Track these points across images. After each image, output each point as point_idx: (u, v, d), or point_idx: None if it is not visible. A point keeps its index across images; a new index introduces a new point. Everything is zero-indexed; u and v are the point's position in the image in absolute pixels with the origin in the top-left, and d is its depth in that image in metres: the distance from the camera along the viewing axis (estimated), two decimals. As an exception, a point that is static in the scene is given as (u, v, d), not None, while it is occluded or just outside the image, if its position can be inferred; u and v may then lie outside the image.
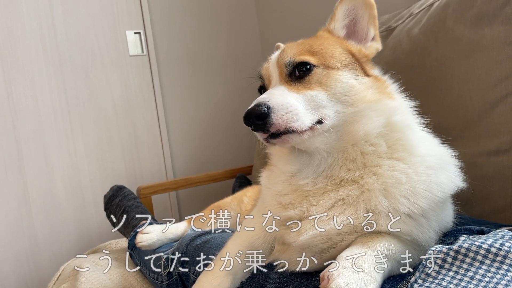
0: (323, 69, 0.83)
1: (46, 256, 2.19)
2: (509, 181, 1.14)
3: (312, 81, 0.82)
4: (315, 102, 0.80)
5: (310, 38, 0.94)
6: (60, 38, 2.22)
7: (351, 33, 0.93)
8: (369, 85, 0.84)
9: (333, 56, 0.85)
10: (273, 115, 0.76)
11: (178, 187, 2.25)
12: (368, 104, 0.81)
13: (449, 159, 0.85)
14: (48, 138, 2.20)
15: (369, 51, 0.92)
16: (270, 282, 0.87)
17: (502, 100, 1.14)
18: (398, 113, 0.83)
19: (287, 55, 0.85)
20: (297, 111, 0.77)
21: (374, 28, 0.92)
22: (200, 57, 2.65)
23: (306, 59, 0.83)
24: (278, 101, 0.77)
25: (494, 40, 1.15)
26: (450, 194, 0.82)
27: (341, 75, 0.83)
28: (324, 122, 0.80)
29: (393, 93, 0.87)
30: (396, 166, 0.79)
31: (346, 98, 0.81)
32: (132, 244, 1.50)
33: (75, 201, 2.27)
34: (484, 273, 0.62)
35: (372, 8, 0.90)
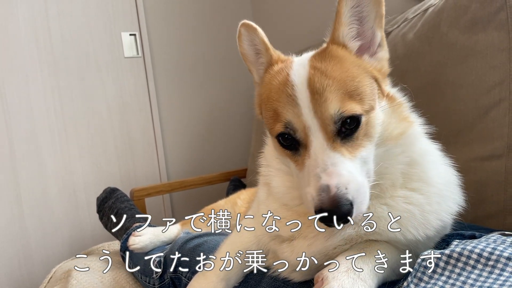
0: (365, 116, 0.70)
1: (38, 259, 2.17)
2: (502, 187, 1.14)
3: (359, 136, 0.69)
4: (366, 163, 0.70)
5: (331, 59, 0.73)
6: (54, 39, 2.21)
7: (360, 40, 0.78)
8: (390, 112, 0.73)
9: (369, 93, 0.71)
10: (355, 209, 0.64)
11: (172, 189, 2.25)
12: (395, 141, 0.73)
13: (454, 180, 0.82)
14: (42, 139, 2.18)
15: (383, 66, 0.77)
16: (262, 286, 0.86)
17: (495, 106, 1.14)
18: (418, 144, 0.76)
19: (331, 106, 0.67)
20: (365, 188, 0.67)
21: (381, 31, 0.76)
22: (196, 60, 2.65)
23: (354, 111, 0.67)
24: (354, 187, 0.64)
25: (488, 45, 1.15)
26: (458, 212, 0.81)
27: (376, 116, 0.71)
28: (369, 178, 0.70)
29: (408, 114, 0.78)
30: (411, 198, 0.73)
31: (378, 140, 0.72)
32: (125, 247, 1.49)
33: (68, 203, 2.25)
34: (476, 277, 0.61)
35: (380, 5, 0.73)
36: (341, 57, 0.74)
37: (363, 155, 0.69)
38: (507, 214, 1.14)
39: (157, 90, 2.52)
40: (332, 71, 0.70)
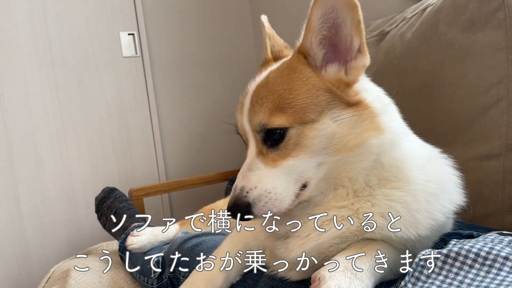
0: (298, 128, 0.73)
1: (36, 258, 2.17)
2: (500, 186, 1.14)
3: (288, 146, 0.73)
4: (294, 171, 0.74)
5: (281, 74, 0.78)
6: (53, 39, 2.21)
7: (332, 47, 0.76)
8: (353, 122, 0.74)
9: (307, 106, 0.73)
10: (254, 209, 0.73)
11: (170, 189, 2.25)
12: (349, 152, 0.74)
13: (450, 179, 0.81)
14: (40, 139, 2.18)
15: (353, 76, 0.76)
16: (260, 285, 0.86)
17: (493, 105, 1.15)
18: (386, 151, 0.75)
19: (257, 118, 0.75)
20: (277, 194, 0.73)
21: (359, 37, 0.73)
22: (194, 59, 2.65)
23: (276, 124, 0.73)
24: (256, 192, 0.73)
25: (486, 45, 1.16)
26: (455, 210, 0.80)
27: (317, 128, 0.73)
28: (308, 185, 0.75)
29: (381, 122, 0.75)
30: (392, 195, 0.74)
31: (327, 150, 0.73)
32: (123, 247, 1.49)
33: (67, 203, 2.25)
34: (474, 277, 0.61)
35: (354, 10, 0.70)
36: (292, 68, 0.77)
37: (289, 164, 0.73)
38: (505, 213, 1.14)
39: (156, 89, 2.52)
40: (273, 83, 0.76)
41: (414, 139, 0.84)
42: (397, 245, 0.77)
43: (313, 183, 0.75)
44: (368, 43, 1.60)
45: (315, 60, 0.76)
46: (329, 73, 0.76)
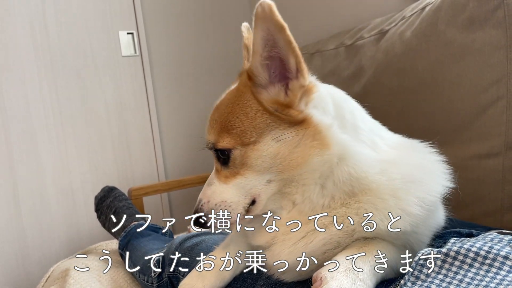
0: (241, 149, 0.77)
1: (36, 258, 2.16)
2: (500, 185, 1.14)
3: (235, 165, 0.78)
4: (243, 188, 0.79)
5: (229, 96, 0.83)
6: (52, 38, 2.20)
7: (278, 65, 0.76)
8: (296, 141, 0.75)
9: (247, 129, 0.76)
10: (209, 222, 0.81)
11: (169, 188, 2.24)
12: (294, 170, 0.76)
13: (428, 171, 0.80)
14: (39, 138, 2.18)
15: (290, 98, 0.76)
16: (259, 284, 0.86)
17: (493, 104, 1.15)
18: (337, 166, 0.76)
19: (209, 138, 0.82)
20: (228, 206, 0.80)
21: (293, 57, 0.73)
22: (193, 58, 2.64)
23: (220, 145, 0.79)
24: (210, 206, 0.81)
25: (485, 43, 1.15)
26: (437, 200, 0.79)
27: (259, 149, 0.76)
28: (257, 201, 0.79)
29: (327, 138, 0.75)
30: (360, 201, 0.75)
31: (273, 169, 0.76)
32: (123, 245, 1.49)
33: (66, 202, 2.25)
34: (473, 276, 0.61)
35: (282, 31, 0.70)
36: (238, 91, 0.81)
37: (237, 182, 0.79)
38: (504, 212, 1.14)
39: (155, 89, 2.51)
40: (223, 105, 0.82)
41: (374, 144, 0.81)
42: (395, 242, 0.77)
43: (263, 198, 0.79)
44: (368, 42, 1.61)
45: (261, 80, 0.77)
46: (270, 94, 0.77)
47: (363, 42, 1.65)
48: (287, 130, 0.76)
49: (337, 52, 1.78)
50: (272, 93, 0.77)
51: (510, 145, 1.12)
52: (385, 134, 0.86)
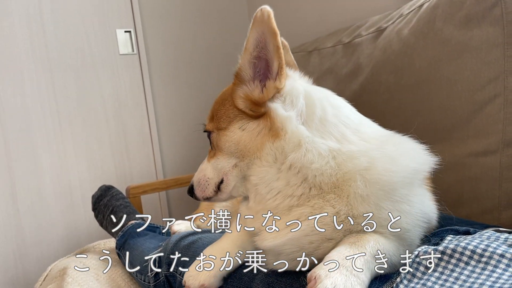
0: (216, 133, 0.91)
1: (34, 257, 2.16)
2: (497, 182, 1.14)
3: (214, 147, 0.94)
4: (217, 167, 0.92)
5: (224, 91, 0.97)
6: (49, 36, 2.20)
7: (265, 65, 0.85)
8: (257, 130, 0.86)
9: (221, 116, 0.91)
10: (195, 191, 0.98)
11: (167, 187, 2.24)
12: (252, 155, 0.86)
13: (386, 157, 0.80)
14: (37, 137, 2.17)
15: (264, 95, 0.84)
16: (256, 282, 0.86)
17: (490, 101, 1.15)
18: (288, 154, 0.82)
19: (206, 121, 0.96)
20: (205, 181, 0.95)
21: (277, 61, 0.82)
22: (191, 57, 2.64)
23: (206, 128, 0.95)
24: (196, 179, 0.98)
25: (482, 41, 1.15)
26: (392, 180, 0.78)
27: (227, 134, 0.88)
28: (224, 181, 0.92)
29: (282, 129, 0.83)
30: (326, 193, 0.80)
31: (237, 154, 0.88)
32: (120, 244, 1.49)
33: (64, 201, 2.24)
34: (469, 274, 0.61)
35: (274, 37, 0.79)
36: (228, 86, 0.95)
37: (214, 161, 0.93)
38: (501, 209, 1.14)
39: (153, 87, 2.51)
40: (221, 95, 0.96)
41: (343, 137, 0.83)
42: (383, 232, 0.77)
43: (229, 179, 0.91)
44: (365, 40, 1.61)
45: (245, 76, 0.87)
46: (247, 90, 0.87)
47: (360, 40, 1.65)
48: (251, 122, 0.87)
49: (335, 50, 1.77)
50: (247, 89, 0.87)
51: (507, 143, 1.12)
52: (366, 129, 0.86)
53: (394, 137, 0.88)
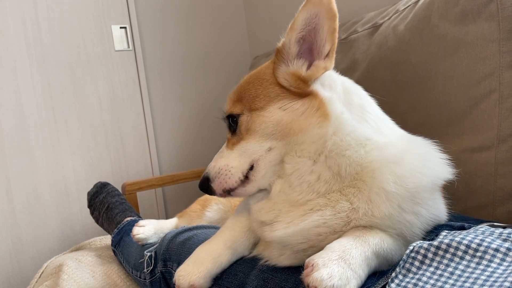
0: (248, 115, 0.85)
1: (29, 254, 2.16)
2: (492, 178, 1.14)
3: (242, 131, 0.85)
4: (245, 153, 0.84)
5: (252, 72, 0.91)
6: (44, 32, 2.19)
7: (307, 46, 0.84)
8: (301, 110, 0.81)
9: (257, 96, 0.84)
10: (212, 184, 0.87)
11: (163, 183, 2.24)
12: (294, 136, 0.80)
13: (417, 155, 0.80)
14: (32, 134, 2.16)
15: (311, 72, 0.82)
16: (251, 278, 0.86)
17: (485, 97, 1.15)
18: (328, 141, 0.79)
19: (225, 108, 0.89)
20: (227, 171, 0.85)
21: (330, 43, 0.81)
22: (187, 53, 2.63)
23: (230, 111, 0.87)
24: (215, 170, 0.87)
25: (478, 37, 1.15)
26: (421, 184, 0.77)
27: (264, 115, 0.82)
28: (255, 168, 0.84)
29: (329, 110, 0.80)
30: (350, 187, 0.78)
31: (276, 135, 0.82)
32: (116, 241, 1.49)
33: (59, 198, 2.24)
34: (464, 268, 0.62)
35: (333, 19, 0.78)
36: (260, 68, 0.90)
37: (241, 146, 0.85)
38: (496, 205, 1.14)
39: (149, 84, 2.50)
40: (244, 80, 0.90)
41: (379, 128, 0.83)
42: (389, 231, 0.77)
43: (261, 165, 0.84)
44: (361, 36, 1.61)
45: (288, 55, 0.84)
46: (291, 68, 0.83)
47: (356, 36, 1.64)
48: (294, 102, 0.82)
49: (330, 46, 1.77)
50: (293, 67, 0.83)
51: (503, 139, 1.12)
52: (390, 125, 0.89)
53: (418, 138, 0.88)
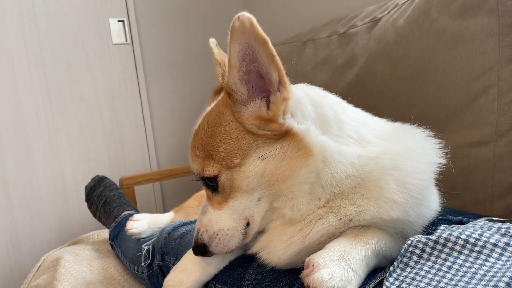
0: (227, 173, 0.76)
1: (27, 248, 2.15)
2: (490, 173, 1.15)
3: (225, 190, 0.78)
4: (236, 211, 0.78)
5: (208, 120, 0.80)
6: (41, 26, 2.17)
7: (257, 82, 0.75)
8: (282, 155, 0.74)
9: (230, 152, 0.75)
10: (210, 248, 0.81)
11: (161, 177, 2.23)
12: (283, 184, 0.75)
13: (410, 153, 0.78)
14: (29, 128, 2.15)
15: (273, 111, 0.74)
16: (249, 272, 0.86)
17: (484, 92, 1.14)
18: (322, 173, 0.75)
19: (193, 167, 0.81)
20: (224, 235, 0.79)
21: (276, 70, 0.71)
22: (185, 46, 2.62)
23: (207, 173, 0.77)
24: (208, 235, 0.80)
25: (477, 31, 1.15)
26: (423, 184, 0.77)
27: (245, 170, 0.75)
28: (251, 222, 0.80)
29: (308, 144, 0.74)
30: (352, 194, 0.76)
31: (261, 186, 0.76)
32: (113, 235, 1.49)
33: (57, 192, 2.23)
34: (462, 263, 0.61)
35: (264, 45, 0.68)
36: (217, 112, 0.79)
37: (232, 206, 0.78)
38: (494, 200, 1.14)
39: (146, 77, 2.49)
40: (202, 131, 0.80)
41: (361, 136, 0.80)
42: (389, 231, 0.77)
43: (256, 218, 0.79)
44: (360, 30, 1.60)
45: (240, 96, 0.75)
46: (251, 110, 0.75)
47: (355, 30, 1.64)
48: (272, 147, 0.75)
49: (329, 40, 1.76)
50: (253, 109, 0.75)
51: (501, 133, 1.12)
52: (372, 123, 0.84)
53: (401, 127, 0.86)
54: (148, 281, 1.21)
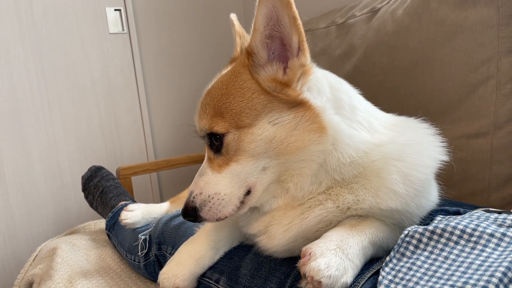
0: (235, 133, 0.74)
1: (23, 238, 2.15)
2: (487, 164, 1.15)
3: (229, 151, 0.75)
4: (237, 176, 0.75)
5: (223, 79, 0.80)
6: (37, 14, 2.14)
7: (278, 45, 0.75)
8: (293, 124, 0.73)
9: (242, 110, 0.74)
10: (201, 213, 0.76)
11: (158, 168, 2.23)
12: (291, 155, 0.74)
13: (415, 146, 0.78)
14: (25, 117, 2.14)
15: (289, 76, 0.74)
16: (246, 262, 0.86)
17: (483, 83, 1.14)
18: (330, 154, 0.74)
19: (200, 124, 0.78)
20: (219, 200, 0.76)
21: (296, 34, 0.72)
22: (183, 36, 2.60)
23: (214, 129, 0.75)
24: (202, 198, 0.76)
25: (477, 22, 1.14)
26: (426, 178, 0.77)
27: (254, 132, 0.73)
28: (252, 191, 0.76)
29: (323, 121, 0.73)
30: (352, 183, 0.76)
31: (268, 154, 0.74)
32: (110, 225, 1.48)
33: (53, 182, 2.22)
34: (459, 253, 0.61)
35: (288, 7, 0.69)
36: (234, 72, 0.78)
37: (231, 169, 0.75)
38: (491, 191, 1.15)
39: (143, 67, 2.47)
40: (216, 89, 0.78)
41: (370, 124, 0.80)
42: (387, 221, 0.77)
43: (259, 188, 0.76)
44: (359, 20, 1.59)
45: (259, 59, 0.76)
46: (268, 73, 0.75)
47: (354, 20, 1.62)
48: (285, 113, 0.74)
49: (328, 30, 1.75)
50: (269, 72, 0.75)
51: (499, 125, 1.12)
52: (379, 115, 0.85)
53: (408, 121, 0.86)
54: (145, 271, 1.21)
